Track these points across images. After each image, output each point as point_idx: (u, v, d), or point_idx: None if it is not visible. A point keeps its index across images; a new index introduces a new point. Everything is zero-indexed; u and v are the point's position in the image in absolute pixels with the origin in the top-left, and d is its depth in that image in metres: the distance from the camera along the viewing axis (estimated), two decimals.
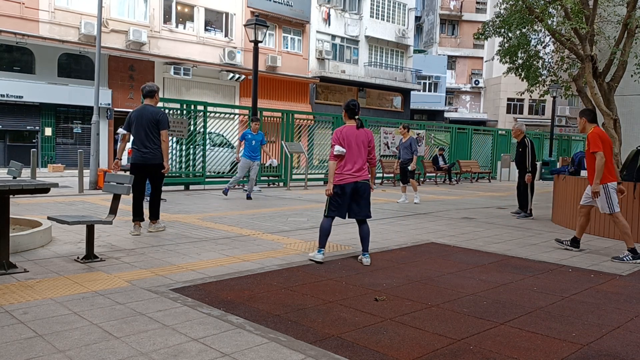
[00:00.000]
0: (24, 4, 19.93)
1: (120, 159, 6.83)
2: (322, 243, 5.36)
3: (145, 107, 6.70)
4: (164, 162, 6.65)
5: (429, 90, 38.57)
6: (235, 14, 25.74)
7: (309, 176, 15.58)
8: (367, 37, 31.91)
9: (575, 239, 6.42)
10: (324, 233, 5.37)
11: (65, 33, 20.91)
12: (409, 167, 11.35)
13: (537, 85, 14.00)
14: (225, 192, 11.38)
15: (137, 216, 6.67)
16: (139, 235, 6.49)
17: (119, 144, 6.97)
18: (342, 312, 3.73)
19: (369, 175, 5.45)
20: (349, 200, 5.34)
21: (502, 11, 13.00)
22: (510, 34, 13.15)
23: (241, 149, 11.54)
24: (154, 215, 6.77)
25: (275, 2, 26.78)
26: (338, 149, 5.29)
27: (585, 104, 12.25)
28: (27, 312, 3.49)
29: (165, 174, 6.86)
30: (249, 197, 11.29)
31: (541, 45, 14.00)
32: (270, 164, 13.86)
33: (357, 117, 5.47)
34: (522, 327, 3.54)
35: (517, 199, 9.96)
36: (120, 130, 7.02)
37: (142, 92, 6.84)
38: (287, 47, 28.16)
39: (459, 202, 11.92)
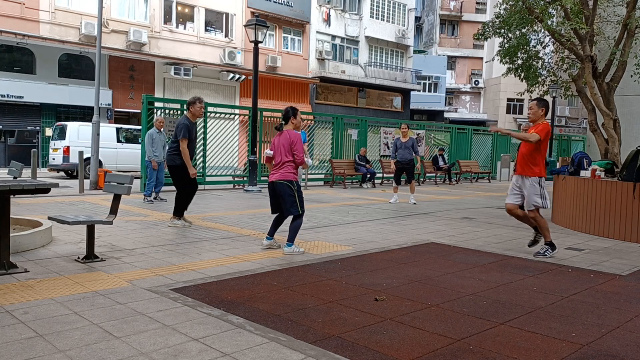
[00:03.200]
0: (24, 4, 19.94)
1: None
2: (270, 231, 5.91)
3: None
4: (188, 166, 7.22)
5: (429, 91, 38.55)
6: (235, 15, 25.75)
7: (309, 176, 15.58)
8: (367, 37, 31.90)
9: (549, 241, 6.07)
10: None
11: (65, 33, 20.92)
12: (414, 167, 11.45)
13: (537, 85, 14.02)
14: None
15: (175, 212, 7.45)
16: (171, 227, 7.15)
17: None
18: (342, 312, 3.73)
19: (292, 176, 5.67)
20: (274, 199, 5.74)
21: (502, 11, 13.02)
22: (510, 35, 13.17)
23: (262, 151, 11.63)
24: (175, 212, 7.31)
25: (275, 2, 26.78)
26: (267, 152, 5.81)
27: (585, 105, 12.27)
28: (28, 312, 3.50)
29: (193, 176, 7.31)
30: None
31: (541, 45, 14.01)
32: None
33: (284, 122, 5.84)
34: (522, 327, 3.54)
35: None
36: None
37: None
38: (287, 48, 28.16)
39: (459, 202, 11.93)
